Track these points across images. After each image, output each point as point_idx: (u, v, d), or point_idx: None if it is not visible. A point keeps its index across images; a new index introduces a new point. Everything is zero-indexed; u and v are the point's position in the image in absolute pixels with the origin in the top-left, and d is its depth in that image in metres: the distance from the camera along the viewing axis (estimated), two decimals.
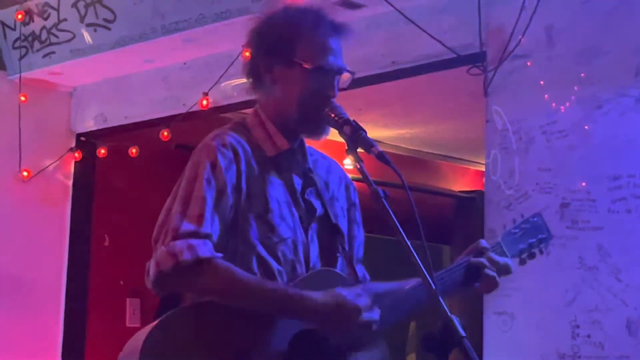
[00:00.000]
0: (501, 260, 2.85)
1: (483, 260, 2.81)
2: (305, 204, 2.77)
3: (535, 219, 3.04)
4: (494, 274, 2.82)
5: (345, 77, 2.77)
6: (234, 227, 2.65)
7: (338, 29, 2.76)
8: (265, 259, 2.65)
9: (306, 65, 2.70)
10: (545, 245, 3.04)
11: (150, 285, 2.63)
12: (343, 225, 2.84)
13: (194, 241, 2.56)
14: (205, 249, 2.56)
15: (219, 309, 2.57)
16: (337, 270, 2.77)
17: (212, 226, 2.60)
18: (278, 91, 2.76)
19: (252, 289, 2.57)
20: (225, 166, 2.65)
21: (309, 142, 2.86)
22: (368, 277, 2.89)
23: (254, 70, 2.79)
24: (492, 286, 2.84)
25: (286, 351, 2.59)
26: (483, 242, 2.87)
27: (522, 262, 2.99)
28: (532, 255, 3.00)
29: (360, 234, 2.92)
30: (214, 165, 2.65)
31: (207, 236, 2.58)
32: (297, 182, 2.78)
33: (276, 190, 2.71)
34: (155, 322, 2.56)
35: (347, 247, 2.83)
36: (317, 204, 2.79)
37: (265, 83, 2.77)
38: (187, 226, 2.59)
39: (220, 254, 2.58)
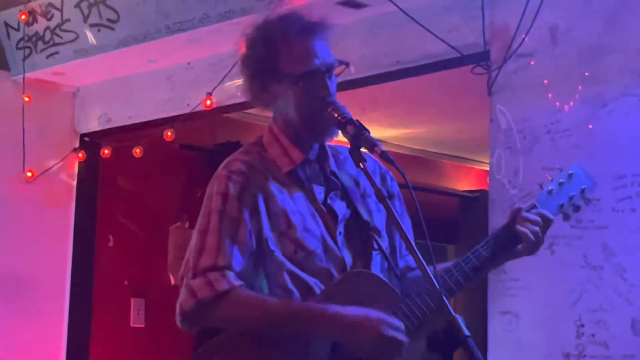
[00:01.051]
0: (533, 217, 2.77)
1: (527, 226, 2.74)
2: (328, 211, 2.75)
3: (572, 170, 2.92)
4: (530, 229, 2.74)
5: (339, 70, 2.75)
6: (260, 252, 2.66)
7: (312, 29, 2.74)
8: (297, 274, 2.65)
9: (292, 75, 2.69)
10: (589, 195, 2.92)
11: (179, 325, 2.67)
12: (378, 220, 2.81)
13: (212, 275, 2.59)
14: (223, 282, 2.58)
15: (249, 337, 2.59)
16: (372, 269, 2.73)
17: (233, 257, 2.61)
18: (281, 107, 2.76)
19: (272, 311, 2.58)
20: (237, 194, 2.66)
21: (335, 141, 2.83)
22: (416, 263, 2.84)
23: (253, 97, 2.80)
24: (533, 244, 2.76)
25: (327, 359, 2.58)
26: (517, 205, 2.81)
27: (566, 217, 2.89)
28: (576, 208, 2.89)
29: (403, 224, 2.87)
30: (225, 196, 2.66)
31: (226, 267, 2.60)
32: (319, 190, 2.76)
33: (298, 204, 2.71)
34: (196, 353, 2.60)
35: (386, 241, 2.79)
36: (340, 207, 2.76)
37: (267, 103, 2.78)
38: (205, 261, 2.62)
39: (240, 282, 2.59)
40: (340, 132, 2.69)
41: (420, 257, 2.40)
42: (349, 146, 2.62)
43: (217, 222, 2.64)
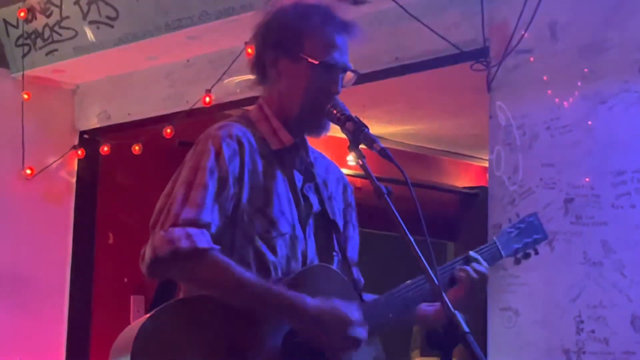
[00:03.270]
0: (482, 269, 2.84)
1: (467, 268, 2.81)
2: (304, 199, 2.76)
3: (531, 218, 3.06)
4: (472, 276, 2.81)
5: (349, 76, 2.76)
6: (233, 219, 2.64)
7: (346, 27, 2.77)
8: (262, 252, 2.64)
9: (312, 61, 2.69)
10: (538, 246, 3.06)
11: (144, 269, 2.64)
12: (340, 224, 2.84)
13: (192, 230, 2.55)
14: (203, 240, 2.55)
15: (213, 303, 2.56)
16: (334, 267, 2.76)
17: (212, 215, 2.59)
18: (283, 86, 2.76)
19: (247, 285, 2.56)
20: (229, 156, 2.65)
21: (315, 144, 2.86)
22: (363, 280, 2.88)
23: (259, 64, 2.79)
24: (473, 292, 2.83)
25: (280, 347, 2.58)
26: (472, 253, 2.87)
27: (517, 261, 3.02)
28: (527, 256, 3.03)
29: (355, 236, 2.91)
30: (218, 154, 2.64)
31: (205, 226, 2.57)
32: (298, 177, 2.77)
33: (278, 184, 2.71)
34: (148, 315, 2.55)
35: (343, 246, 2.82)
36: (314, 199, 2.78)
37: (270, 77, 2.77)
38: (187, 213, 2.58)
39: (217, 246, 2.57)
40: (338, 129, 2.68)
41: (419, 253, 2.39)
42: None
43: (205, 178, 2.61)
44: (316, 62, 2.70)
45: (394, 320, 2.74)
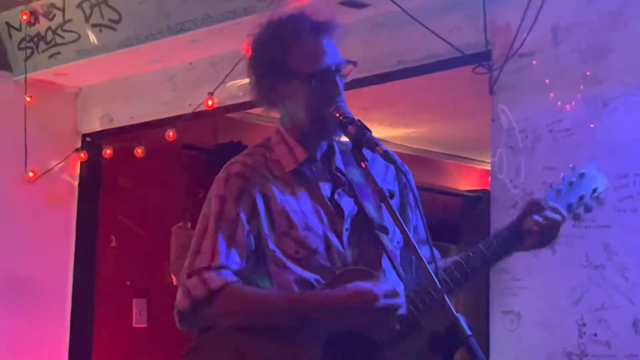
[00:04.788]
0: (557, 217, 2.74)
1: (537, 217, 2.72)
2: (335, 207, 2.74)
3: (584, 170, 2.84)
4: (542, 225, 2.73)
5: (347, 69, 2.75)
6: (260, 252, 2.66)
7: (322, 27, 2.73)
8: (298, 273, 2.64)
9: (303, 74, 2.69)
10: (601, 196, 2.85)
11: (179, 326, 2.68)
12: (388, 218, 2.75)
13: (207, 274, 2.60)
14: (217, 280, 2.59)
15: (247, 330, 2.59)
16: (382, 265, 2.71)
17: (229, 257, 2.62)
18: (288, 107, 2.76)
19: (264, 300, 2.59)
20: (235, 196, 2.66)
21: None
22: (439, 255, 2.80)
23: (261, 97, 2.79)
24: (543, 238, 2.76)
25: (320, 354, 2.57)
26: (536, 199, 2.77)
27: (577, 217, 2.82)
28: (587, 209, 2.82)
29: (414, 218, 2.84)
30: (223, 199, 2.67)
31: (221, 267, 2.61)
32: (325, 187, 2.75)
33: (301, 202, 2.70)
34: (186, 350, 2.62)
35: (397, 235, 2.75)
36: (347, 203, 2.74)
37: (275, 102, 2.78)
38: (201, 262, 2.63)
39: (236, 279, 2.60)
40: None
41: (421, 255, 2.39)
42: None
43: (214, 224, 2.65)
44: (307, 74, 2.68)
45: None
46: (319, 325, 2.58)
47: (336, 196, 2.75)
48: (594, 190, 2.84)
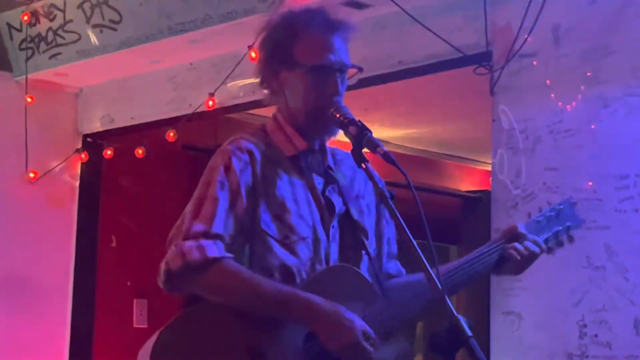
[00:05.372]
0: (537, 249, 2.83)
1: (518, 246, 2.80)
2: (326, 201, 2.76)
3: (563, 205, 2.96)
4: (523, 254, 2.80)
5: (352, 72, 2.76)
6: (251, 229, 2.66)
7: (335, 26, 2.76)
8: (283, 259, 2.65)
9: (305, 64, 2.70)
10: (572, 233, 2.96)
11: (161, 284, 2.66)
12: (368, 223, 2.82)
13: (204, 242, 2.58)
14: (214, 250, 2.57)
15: (230, 309, 2.57)
16: (360, 268, 2.75)
17: (225, 227, 2.61)
18: (287, 96, 2.77)
19: (260, 290, 2.57)
20: (240, 169, 2.67)
21: (334, 143, 2.85)
22: (404, 271, 2.87)
23: (263, 79, 2.81)
24: (517, 270, 2.84)
25: (301, 348, 2.58)
26: (521, 227, 2.85)
27: (550, 250, 2.91)
28: (560, 244, 2.92)
29: (389, 230, 2.90)
30: (227, 168, 2.67)
31: (217, 237, 2.60)
32: (318, 181, 2.78)
33: (296, 190, 2.72)
34: (168, 323, 2.57)
35: (374, 244, 2.81)
36: (337, 201, 2.78)
37: (276, 90, 2.79)
38: (198, 227, 2.61)
39: (230, 255, 2.58)
40: (342, 132, 2.69)
41: (422, 255, 2.39)
42: (347, 150, 2.63)
43: (217, 192, 2.65)
44: (309, 65, 2.70)
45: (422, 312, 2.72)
46: (299, 325, 2.60)
47: (327, 192, 2.76)
48: (568, 228, 2.95)
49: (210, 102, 5.27)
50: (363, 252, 2.78)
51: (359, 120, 2.63)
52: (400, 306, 2.67)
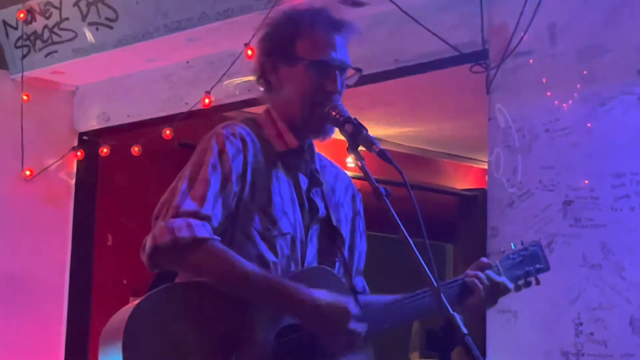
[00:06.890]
0: (499, 279, 2.85)
1: (480, 274, 2.81)
2: (309, 203, 2.77)
3: (535, 247, 3.01)
4: (486, 285, 2.81)
5: (350, 73, 2.77)
6: (235, 216, 2.65)
7: (338, 25, 2.77)
8: (262, 250, 2.65)
9: (306, 60, 2.70)
10: (539, 276, 3.01)
11: (144, 259, 2.65)
12: (345, 232, 2.84)
13: (193, 221, 2.57)
14: (203, 230, 2.56)
15: (208, 289, 2.57)
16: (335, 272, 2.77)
17: (214, 209, 2.60)
18: (284, 91, 2.77)
19: (246, 274, 2.56)
20: (232, 154, 2.66)
21: (318, 148, 2.86)
22: (368, 290, 2.88)
23: (262, 74, 2.81)
24: (484, 302, 2.83)
25: (272, 341, 2.58)
26: (484, 259, 2.88)
27: (517, 288, 2.96)
28: (527, 284, 2.97)
29: (362, 245, 2.91)
30: (221, 152, 2.66)
31: (206, 218, 2.59)
32: (304, 180, 2.78)
33: (282, 185, 2.72)
34: (144, 296, 2.57)
35: (346, 254, 2.83)
36: (320, 204, 2.78)
37: (273, 84, 2.79)
38: (189, 205, 2.59)
39: (218, 237, 2.58)
40: (337, 131, 2.69)
41: (419, 255, 2.39)
42: (344, 150, 2.64)
43: (208, 174, 2.63)
44: (310, 61, 2.70)
45: (389, 329, 2.74)
46: (284, 314, 2.59)
47: (312, 194, 2.77)
48: (538, 270, 2.98)
49: (207, 100, 5.27)
50: (336, 259, 2.79)
51: (354, 118, 2.62)
52: (372, 318, 2.67)
